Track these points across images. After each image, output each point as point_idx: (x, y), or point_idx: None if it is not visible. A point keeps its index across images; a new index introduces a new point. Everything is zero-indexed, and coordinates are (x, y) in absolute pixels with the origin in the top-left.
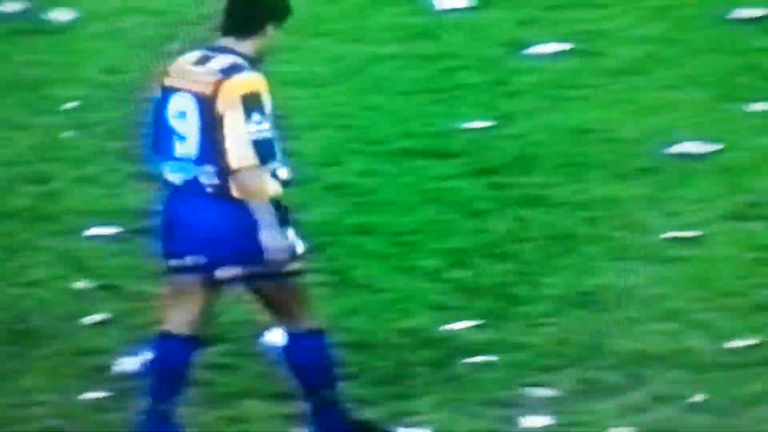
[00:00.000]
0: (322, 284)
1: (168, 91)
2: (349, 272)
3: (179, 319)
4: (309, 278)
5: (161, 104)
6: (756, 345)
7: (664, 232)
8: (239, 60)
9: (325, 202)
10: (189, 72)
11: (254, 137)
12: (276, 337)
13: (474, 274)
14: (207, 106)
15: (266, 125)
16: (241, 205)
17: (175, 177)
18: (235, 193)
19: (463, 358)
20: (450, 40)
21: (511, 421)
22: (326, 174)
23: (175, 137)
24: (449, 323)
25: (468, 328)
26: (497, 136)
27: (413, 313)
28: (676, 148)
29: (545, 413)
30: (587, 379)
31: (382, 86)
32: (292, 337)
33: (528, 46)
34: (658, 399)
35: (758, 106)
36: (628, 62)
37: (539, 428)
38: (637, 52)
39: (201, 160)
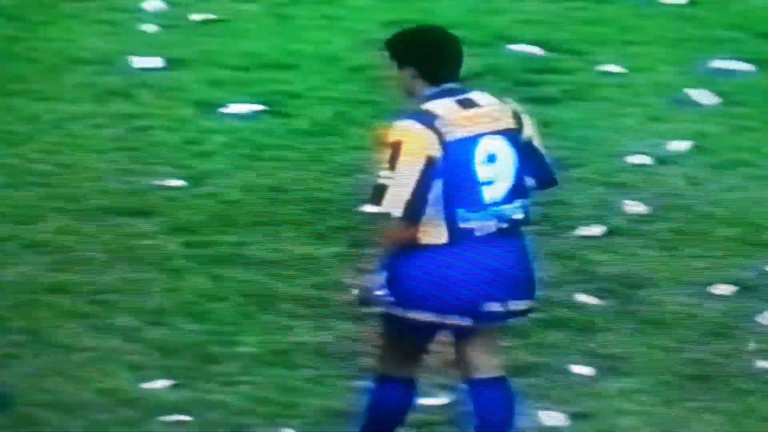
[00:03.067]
0: (19, 344)
1: (469, 140)
2: (47, 331)
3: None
4: (8, 338)
5: (464, 155)
6: (445, 404)
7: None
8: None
9: (21, 261)
10: (481, 114)
11: None
12: None
13: (170, 333)
14: (517, 140)
15: None
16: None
17: (486, 225)
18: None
19: (158, 417)
20: (144, 100)
21: None
22: (23, 232)
23: (482, 185)
24: (146, 382)
25: (164, 388)
26: (192, 194)
27: (110, 373)
28: (370, 207)
29: None
30: None
31: (79, 144)
32: (481, 383)
33: (221, 106)
34: None
35: None
36: (320, 123)
37: None
38: (329, 113)
39: (510, 197)
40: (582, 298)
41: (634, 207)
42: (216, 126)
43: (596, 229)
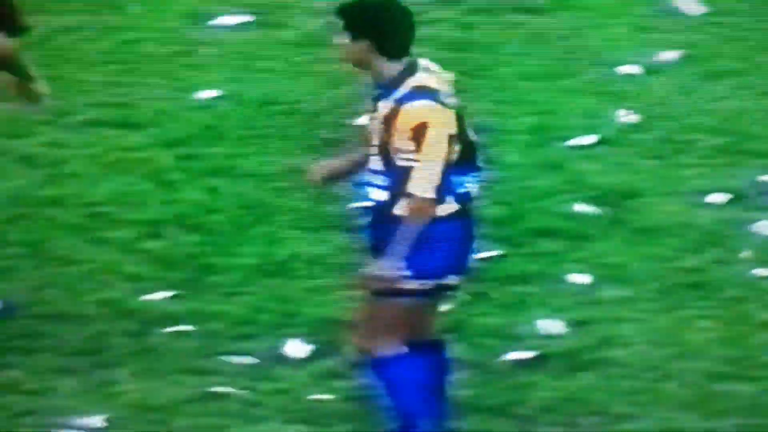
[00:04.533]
0: (17, 257)
1: (459, 107)
2: (44, 244)
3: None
4: (5, 251)
5: (462, 122)
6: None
7: (351, 201)
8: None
9: (15, 174)
10: (443, 81)
11: None
12: None
13: (167, 245)
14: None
15: None
16: None
17: (474, 188)
18: None
19: (160, 328)
20: (133, 12)
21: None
22: (15, 146)
23: (476, 146)
24: (145, 294)
25: (164, 299)
26: (182, 107)
27: (109, 285)
28: (359, 120)
29: (243, 381)
30: (282, 347)
31: (69, 57)
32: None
33: (210, 17)
34: (352, 365)
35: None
36: (309, 34)
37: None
38: (318, 24)
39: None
40: (575, 207)
41: (624, 117)
42: (205, 38)
43: (587, 139)
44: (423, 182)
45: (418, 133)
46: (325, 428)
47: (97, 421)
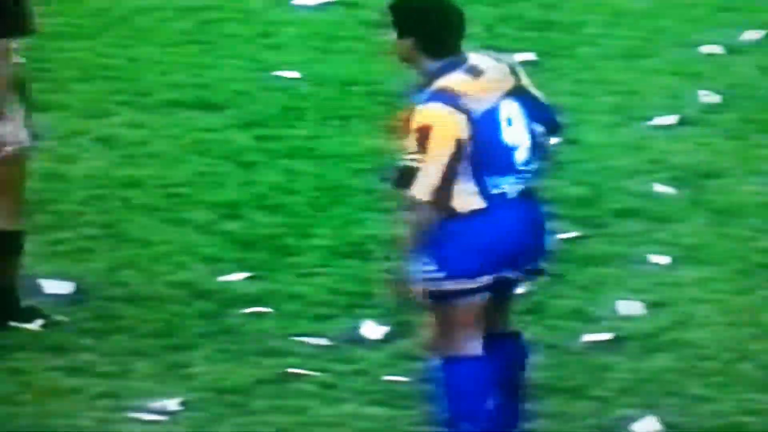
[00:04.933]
0: (93, 238)
1: (492, 111)
2: (120, 225)
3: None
4: (81, 232)
5: (491, 126)
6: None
7: None
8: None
9: (93, 155)
10: (490, 81)
11: None
12: None
13: (245, 226)
14: (521, 96)
15: None
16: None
17: (516, 187)
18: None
19: (236, 310)
20: None
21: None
22: (93, 126)
23: (512, 150)
24: (221, 275)
25: (240, 280)
26: (263, 87)
27: (185, 266)
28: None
29: (319, 362)
30: (358, 328)
31: (148, 38)
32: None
33: None
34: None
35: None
36: None
37: (313, 377)
38: None
39: (530, 158)
40: (655, 187)
41: (706, 97)
42: (287, 18)
43: (669, 119)
44: (421, 184)
45: (422, 135)
46: (403, 410)
47: (173, 403)
